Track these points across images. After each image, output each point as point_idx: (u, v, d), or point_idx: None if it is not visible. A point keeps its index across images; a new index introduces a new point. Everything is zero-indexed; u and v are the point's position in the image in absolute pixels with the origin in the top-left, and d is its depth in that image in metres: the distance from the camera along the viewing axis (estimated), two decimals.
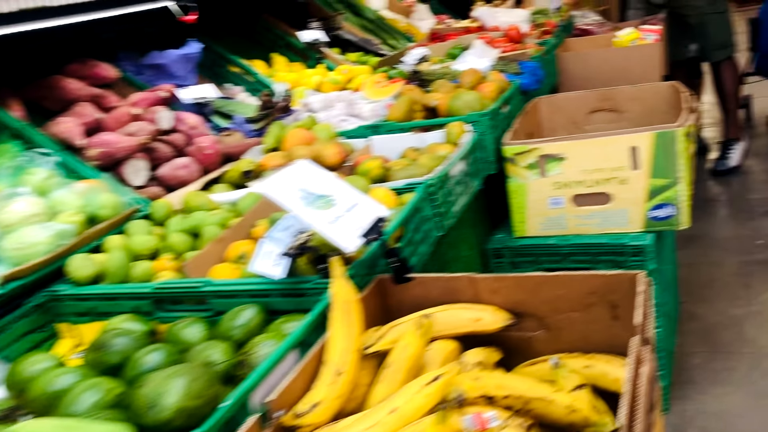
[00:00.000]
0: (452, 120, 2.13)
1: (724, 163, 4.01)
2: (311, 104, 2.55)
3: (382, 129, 2.26)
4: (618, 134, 1.97)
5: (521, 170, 2.10)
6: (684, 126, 1.94)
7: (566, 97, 2.62)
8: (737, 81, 4.06)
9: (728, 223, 3.39)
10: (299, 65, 3.19)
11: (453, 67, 2.81)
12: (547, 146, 2.05)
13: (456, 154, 1.91)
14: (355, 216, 1.27)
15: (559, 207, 2.10)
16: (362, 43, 3.58)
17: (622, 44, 3.55)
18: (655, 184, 1.99)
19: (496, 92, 2.31)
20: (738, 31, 4.14)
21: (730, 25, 3.94)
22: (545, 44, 3.25)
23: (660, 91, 2.47)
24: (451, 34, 3.87)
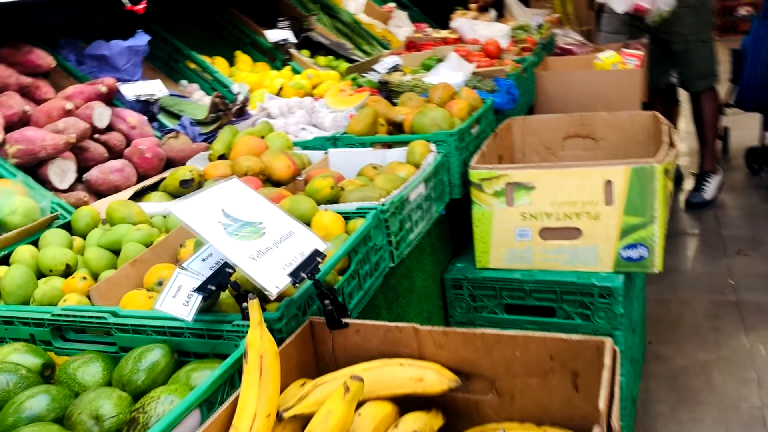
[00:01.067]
0: (416, 138, 1.97)
1: (699, 195, 3.91)
2: (270, 109, 2.37)
3: (342, 142, 2.09)
4: (592, 166, 1.83)
5: (487, 197, 1.95)
6: (663, 162, 1.80)
7: (541, 119, 2.48)
8: (717, 112, 3.97)
9: (699, 259, 3.28)
10: (264, 66, 3.01)
11: (425, 80, 2.66)
12: (516, 173, 1.90)
13: (416, 176, 1.74)
14: (286, 249, 1.10)
15: (525, 239, 1.95)
16: (334, 46, 3.41)
17: (603, 67, 3.43)
18: (628, 222, 1.84)
19: (466, 110, 2.16)
20: (720, 60, 4.06)
21: (713, 55, 3.85)
22: (523, 62, 3.11)
23: (639, 121, 2.34)
24: (428, 44, 3.72)
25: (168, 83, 2.64)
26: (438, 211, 1.90)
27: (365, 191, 1.64)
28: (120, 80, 2.08)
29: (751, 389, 2.29)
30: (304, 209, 1.50)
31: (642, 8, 3.61)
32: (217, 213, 1.08)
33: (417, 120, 2.03)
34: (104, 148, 1.87)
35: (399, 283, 1.72)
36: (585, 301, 1.89)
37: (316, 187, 1.62)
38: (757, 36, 4.04)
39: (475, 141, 2.17)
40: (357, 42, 3.80)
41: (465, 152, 2.05)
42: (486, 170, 1.93)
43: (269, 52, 3.07)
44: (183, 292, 1.06)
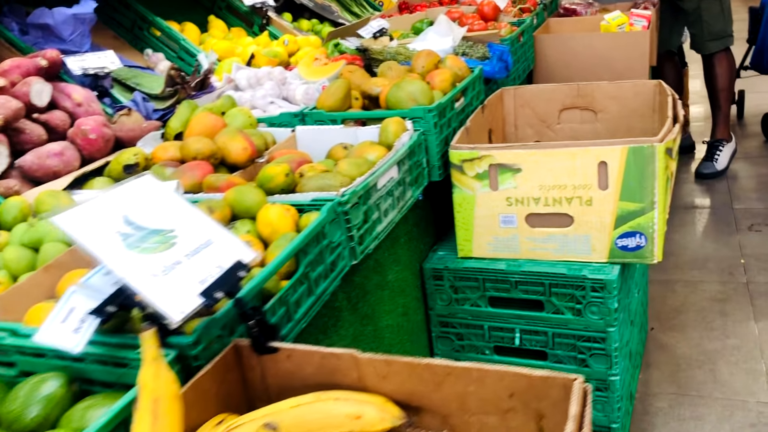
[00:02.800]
0: (390, 114, 1.78)
1: (710, 165, 3.68)
2: (237, 80, 2.18)
3: (310, 118, 1.90)
4: (585, 146, 1.63)
5: (469, 180, 1.76)
6: (665, 141, 1.60)
7: (535, 89, 2.26)
8: (731, 76, 3.71)
9: (709, 236, 3.08)
10: (240, 31, 2.80)
11: (410, 46, 2.44)
12: (500, 154, 1.70)
13: (386, 159, 1.56)
14: (201, 262, 0.92)
15: (511, 226, 1.77)
16: (318, 9, 3.19)
17: (609, 29, 3.18)
18: (624, 208, 1.65)
19: (449, 81, 1.95)
20: (738, 19, 3.79)
21: (728, 13, 3.58)
22: (520, 24, 2.88)
23: (643, 91, 2.12)
24: (422, 5, 3.48)
25: (132, 53, 2.45)
26: (414, 196, 1.72)
27: (325, 179, 1.45)
28: (66, 52, 1.89)
29: (760, 383, 2.12)
30: (250, 202, 1.32)
31: None
32: (117, 221, 0.91)
33: (392, 94, 1.83)
34: (44, 129, 1.69)
35: (366, 279, 1.55)
36: (576, 295, 1.71)
37: (269, 175, 1.43)
38: None
39: (459, 116, 1.97)
40: (346, 4, 3.56)
41: (447, 129, 1.86)
42: (467, 150, 1.73)
43: (246, 16, 2.85)
44: (75, 315, 0.89)
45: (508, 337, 1.84)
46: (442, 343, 1.92)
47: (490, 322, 1.84)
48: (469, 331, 1.88)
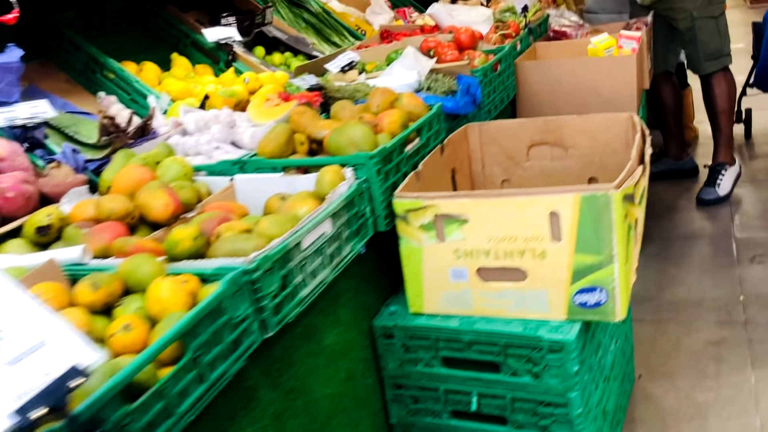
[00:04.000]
0: (329, 162, 1.65)
1: (712, 191, 3.50)
2: (186, 124, 2.07)
3: (250, 166, 1.78)
4: (534, 194, 1.49)
5: (415, 231, 1.62)
6: (622, 188, 1.44)
7: (501, 125, 2.12)
8: (731, 96, 3.53)
9: (707, 269, 2.89)
10: (204, 69, 2.70)
11: (372, 82, 2.32)
12: (444, 204, 1.56)
13: (314, 215, 1.43)
14: (25, 370, 0.80)
15: (462, 281, 1.62)
16: (292, 42, 3.09)
17: (597, 53, 3.04)
18: (581, 261, 1.50)
19: (397, 123, 1.82)
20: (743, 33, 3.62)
21: (724, 32, 3.41)
22: (497, 52, 2.75)
23: (614, 125, 1.97)
24: (403, 33, 3.36)
25: (85, 97, 2.36)
26: (355, 250, 1.58)
27: (237, 242, 1.33)
28: None
29: None
30: (144, 274, 1.20)
31: None
32: None
33: (332, 139, 1.71)
34: None
35: (292, 349, 1.41)
36: (533, 357, 1.56)
37: (175, 240, 1.31)
38: None
39: (413, 158, 1.84)
40: (326, 34, 3.46)
41: (395, 175, 1.73)
42: (411, 200, 1.60)
43: (212, 53, 2.76)
44: None
45: (465, 401, 1.69)
46: (397, 406, 1.78)
47: (445, 385, 1.69)
48: (424, 394, 1.73)
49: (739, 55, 4.03)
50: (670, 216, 3.46)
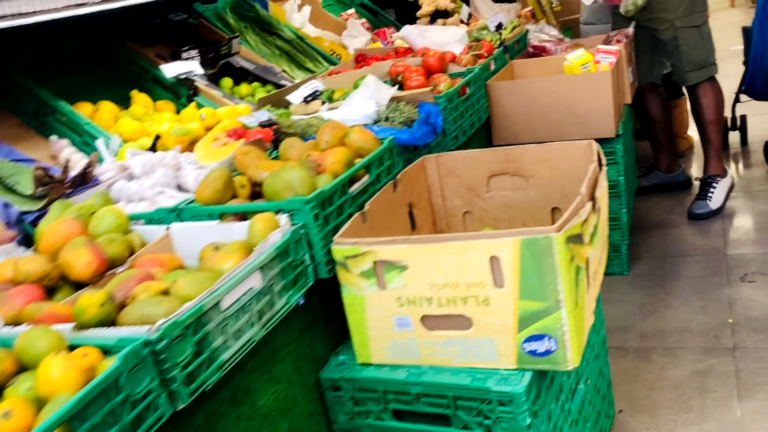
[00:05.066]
0: (266, 208, 1.57)
1: (703, 204, 3.38)
2: (132, 168, 2.00)
3: (187, 213, 1.70)
4: (472, 239, 1.39)
5: (355, 278, 1.53)
6: (564, 230, 1.35)
7: (459, 156, 2.04)
8: (719, 107, 3.41)
9: (696, 290, 2.77)
10: (166, 104, 2.64)
11: (330, 114, 2.25)
12: (383, 250, 1.48)
13: (237, 271, 1.34)
14: None
15: (407, 329, 1.53)
16: (260, 71, 3.02)
17: (573, 70, 2.94)
18: (526, 308, 1.40)
19: (341, 162, 1.73)
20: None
21: (708, 41, 3.30)
22: (465, 74, 2.66)
23: (574, 153, 1.88)
24: (376, 57, 3.29)
25: (37, 141, 2.31)
26: (292, 302, 1.50)
27: (148, 306, 1.25)
28: None
29: None
30: (38, 349, 1.12)
31: None
32: None
33: (269, 184, 1.63)
34: None
35: (217, 415, 1.33)
36: (483, 409, 1.46)
37: (81, 307, 1.23)
38: (763, 13, 3.46)
39: (361, 197, 1.75)
40: (299, 60, 3.40)
41: (337, 218, 1.64)
42: (349, 246, 1.51)
43: (174, 88, 2.70)
44: None
45: None
46: None
47: None
48: None
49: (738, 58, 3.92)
50: (660, 232, 3.34)
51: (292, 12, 3.66)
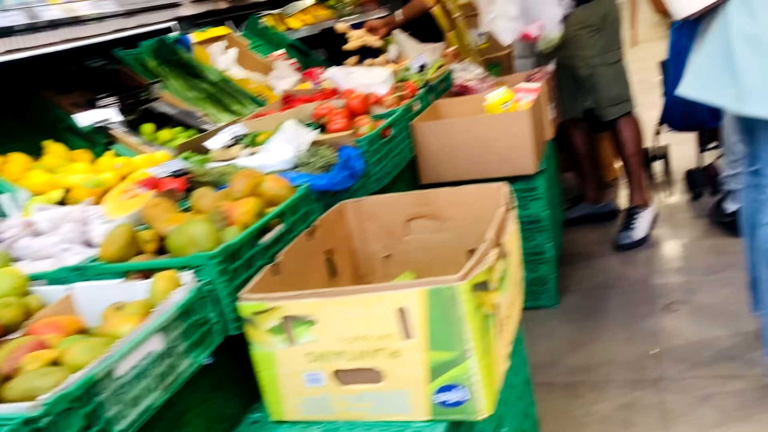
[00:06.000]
0: (166, 265, 1.52)
1: (628, 235, 3.46)
2: (38, 224, 1.92)
3: (91, 272, 1.64)
4: (378, 291, 1.38)
5: (264, 335, 1.49)
6: (469, 278, 1.35)
7: (377, 201, 2.03)
8: (638, 141, 3.53)
9: (622, 321, 2.82)
10: (82, 154, 2.56)
11: (247, 161, 2.22)
12: (290, 305, 1.44)
13: (135, 334, 1.29)
14: None
15: (318, 385, 1.49)
16: (181, 116, 2.98)
17: (493, 109, 3.00)
18: (436, 358, 1.39)
19: (251, 213, 1.70)
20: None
21: (623, 78, 3.42)
22: (388, 116, 2.68)
23: (487, 195, 1.89)
24: (303, 98, 3.29)
25: None
26: (198, 362, 1.44)
27: (35, 379, 1.18)
28: None
29: None
30: None
31: (530, 36, 3.19)
32: None
33: (173, 239, 1.59)
34: None
35: None
36: None
37: None
38: (676, 48, 3.60)
39: (274, 248, 1.72)
40: (225, 103, 3.37)
41: (247, 271, 1.60)
42: (255, 302, 1.47)
43: (90, 136, 2.63)
44: None
45: None
46: None
47: None
48: None
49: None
50: (588, 263, 3.40)
51: (217, 54, 3.63)
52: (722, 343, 2.53)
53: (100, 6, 2.60)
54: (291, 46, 4.37)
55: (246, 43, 3.98)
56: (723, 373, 2.35)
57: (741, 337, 2.54)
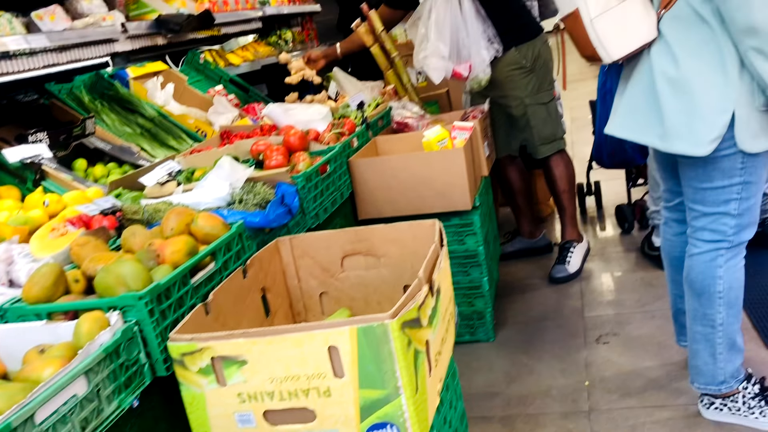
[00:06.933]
0: (92, 306, 1.49)
1: (562, 268, 3.55)
2: None
3: (12, 314, 1.59)
4: (309, 330, 1.38)
5: (194, 376, 1.47)
6: (399, 316, 1.36)
7: (313, 237, 2.04)
8: (570, 178, 3.65)
9: (556, 354, 2.88)
10: (10, 190, 2.49)
11: (180, 198, 2.20)
12: (220, 345, 1.43)
13: (56, 378, 1.25)
14: None
15: (249, 426, 1.48)
16: (115, 152, 2.93)
17: (431, 146, 3.05)
18: (367, 396, 1.39)
19: (182, 252, 1.69)
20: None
21: (555, 117, 3.55)
22: (326, 153, 2.70)
23: (420, 232, 1.92)
24: (241, 134, 3.28)
25: None
26: (124, 405, 1.41)
27: None
28: None
29: None
30: None
31: (459, 75, 3.29)
32: None
33: (100, 279, 1.55)
34: None
35: None
36: None
37: None
38: (604, 89, 3.76)
39: (206, 286, 1.71)
40: (162, 139, 3.33)
41: (177, 311, 1.58)
42: (184, 343, 1.45)
43: (19, 172, 2.56)
44: None
45: None
46: None
47: None
48: None
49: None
50: (524, 297, 3.47)
51: (155, 90, 3.61)
52: (651, 373, 2.61)
53: (30, 41, 2.55)
54: (231, 82, 4.37)
55: (185, 78, 3.96)
56: (651, 403, 2.42)
57: (669, 367, 2.63)
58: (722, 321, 2.14)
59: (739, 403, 2.20)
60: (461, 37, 3.29)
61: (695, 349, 2.22)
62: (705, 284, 2.14)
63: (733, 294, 2.14)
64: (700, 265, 2.14)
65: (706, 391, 2.24)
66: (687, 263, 2.20)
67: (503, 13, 3.36)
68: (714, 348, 2.17)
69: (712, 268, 2.11)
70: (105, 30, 2.98)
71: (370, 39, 3.73)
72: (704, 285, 2.14)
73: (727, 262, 2.11)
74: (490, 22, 3.31)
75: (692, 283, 2.18)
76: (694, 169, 2.07)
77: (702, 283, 2.14)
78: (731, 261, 2.11)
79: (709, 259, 2.12)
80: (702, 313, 2.17)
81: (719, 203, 2.06)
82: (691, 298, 2.21)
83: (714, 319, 2.15)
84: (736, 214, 2.06)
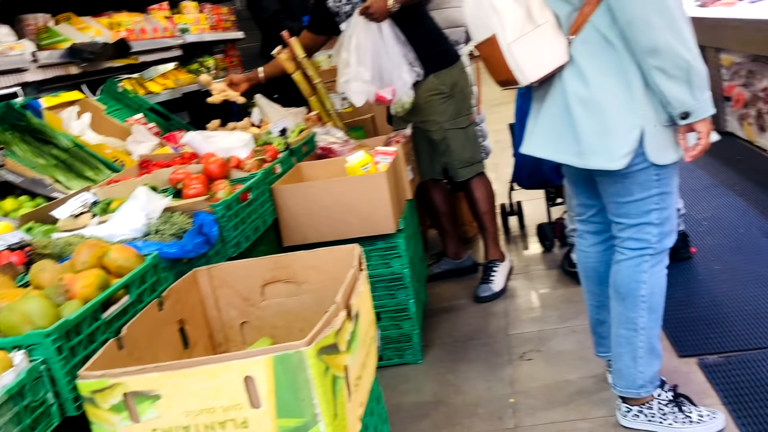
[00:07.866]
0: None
1: (487, 288, 3.62)
2: None
3: None
4: (224, 361, 1.36)
5: (106, 414, 1.42)
6: (314, 343, 1.36)
7: (232, 267, 2.02)
8: (490, 199, 3.75)
9: (482, 373, 2.92)
10: None
11: (94, 231, 2.14)
12: (132, 380, 1.39)
13: None
14: None
15: None
16: (27, 185, 2.83)
17: (354, 171, 3.08)
18: (284, 426, 1.38)
19: (93, 286, 1.64)
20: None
21: (474, 141, 3.65)
22: (247, 180, 2.69)
23: (341, 257, 1.93)
24: (160, 163, 3.22)
25: None
26: None
27: None
28: None
29: None
30: None
31: (383, 99, 3.34)
32: None
33: (4, 317, 1.49)
34: None
35: None
36: None
37: None
38: (522, 112, 3.89)
39: (119, 320, 1.66)
40: (78, 170, 3.24)
41: (88, 347, 1.53)
42: (95, 380, 1.41)
43: None
44: None
45: None
46: None
47: None
48: None
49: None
50: (450, 317, 3.52)
51: (70, 120, 3.51)
52: (572, 387, 2.68)
53: None
54: (151, 110, 4.29)
55: (102, 107, 3.87)
56: (574, 416, 2.49)
57: (590, 380, 2.71)
58: (644, 325, 2.24)
59: (654, 409, 2.29)
60: (383, 62, 3.34)
61: (618, 353, 2.31)
62: (630, 288, 2.23)
63: (655, 300, 2.24)
64: (626, 270, 2.24)
65: (626, 395, 2.33)
66: (613, 269, 2.29)
67: (422, 40, 3.44)
68: (635, 351, 2.26)
69: (637, 273, 2.22)
70: (13, 59, 2.89)
71: (292, 66, 3.74)
72: (629, 289, 2.23)
73: (652, 268, 2.21)
74: (411, 47, 3.38)
75: (618, 287, 2.27)
76: (614, 186, 2.17)
77: (627, 287, 2.24)
78: (655, 267, 2.22)
79: (635, 264, 2.22)
80: (626, 317, 2.26)
81: (641, 214, 2.17)
82: (615, 302, 2.30)
83: (636, 323, 2.24)
84: (658, 223, 2.17)
